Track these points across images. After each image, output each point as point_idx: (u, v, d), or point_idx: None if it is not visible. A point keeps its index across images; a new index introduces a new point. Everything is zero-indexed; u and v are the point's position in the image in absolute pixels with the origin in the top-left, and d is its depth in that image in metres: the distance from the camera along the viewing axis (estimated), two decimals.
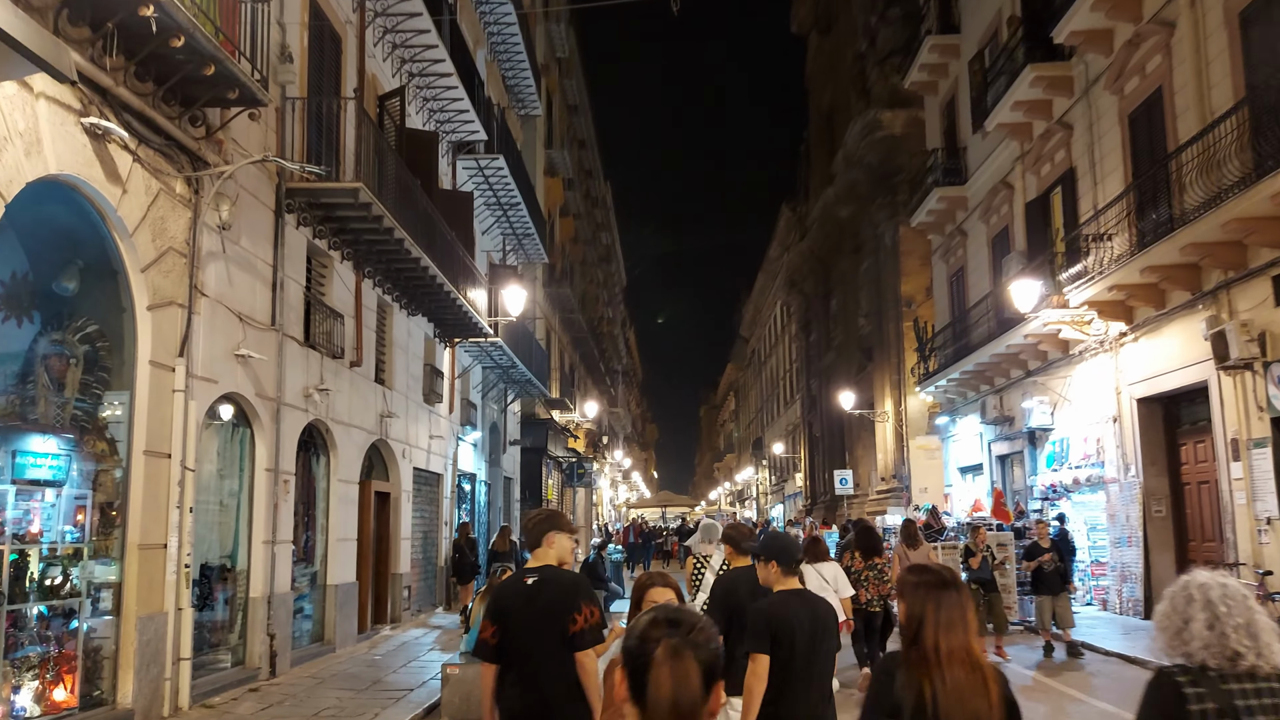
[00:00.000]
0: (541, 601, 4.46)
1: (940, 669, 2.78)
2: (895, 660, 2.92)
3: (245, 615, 10.66)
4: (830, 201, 39.35)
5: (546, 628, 4.41)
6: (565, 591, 4.50)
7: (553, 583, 4.53)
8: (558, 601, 4.44)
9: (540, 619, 4.43)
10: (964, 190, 24.28)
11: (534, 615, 4.44)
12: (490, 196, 22.23)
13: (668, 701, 1.86)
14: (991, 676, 2.83)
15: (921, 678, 2.79)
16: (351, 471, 13.82)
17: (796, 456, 53.57)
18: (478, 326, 18.80)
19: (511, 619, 4.48)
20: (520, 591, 4.53)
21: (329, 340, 12.84)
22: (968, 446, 25.09)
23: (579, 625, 4.38)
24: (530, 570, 4.62)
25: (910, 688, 2.80)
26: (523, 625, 4.44)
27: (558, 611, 4.41)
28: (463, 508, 20.74)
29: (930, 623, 2.85)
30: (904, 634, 2.93)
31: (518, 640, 4.44)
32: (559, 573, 4.63)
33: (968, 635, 2.88)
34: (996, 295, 21.09)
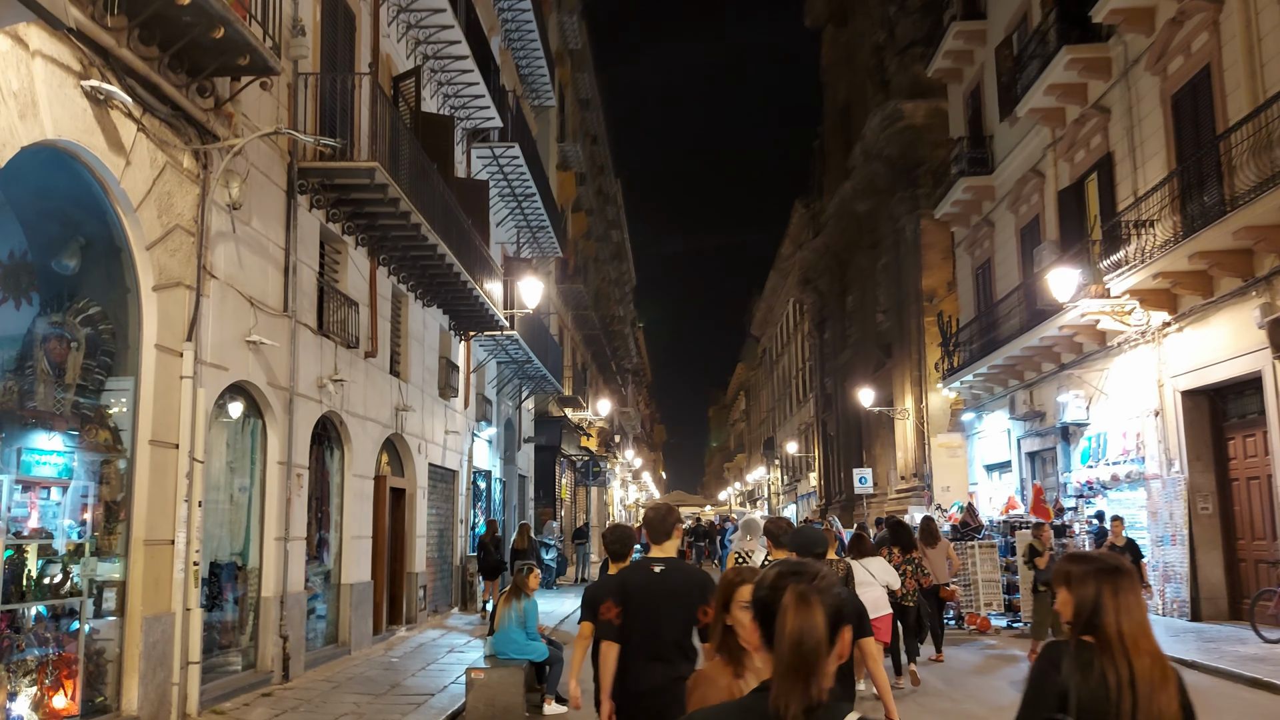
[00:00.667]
0: (669, 590, 4.74)
1: (1126, 657, 2.67)
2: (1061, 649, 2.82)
3: (257, 616, 10.12)
4: (847, 196, 38.76)
5: (673, 615, 4.70)
6: (695, 584, 4.82)
7: (681, 573, 4.89)
8: (686, 592, 4.74)
9: (668, 607, 4.71)
10: (991, 180, 23.64)
11: (661, 602, 4.71)
12: (504, 187, 21.68)
13: (794, 642, 1.99)
14: (1173, 670, 2.72)
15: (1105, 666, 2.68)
16: (366, 466, 13.28)
17: (810, 456, 52.97)
18: (494, 319, 18.26)
19: (638, 603, 4.73)
20: (648, 579, 4.80)
21: (343, 329, 12.30)
22: (995, 443, 24.46)
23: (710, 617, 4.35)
24: (656, 559, 4.89)
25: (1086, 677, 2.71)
26: (649, 610, 4.71)
27: (686, 601, 4.70)
28: (478, 506, 20.21)
29: (1109, 609, 2.73)
30: (1074, 623, 2.82)
31: (643, 624, 4.69)
32: (685, 565, 5.07)
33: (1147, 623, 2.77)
34: (1028, 287, 20.47)
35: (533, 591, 9.60)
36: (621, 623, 4.72)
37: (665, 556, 4.97)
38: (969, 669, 12.09)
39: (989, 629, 14.89)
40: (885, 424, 35.37)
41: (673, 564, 4.92)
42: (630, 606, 4.74)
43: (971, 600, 15.16)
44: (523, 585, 9.45)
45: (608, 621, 4.74)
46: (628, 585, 4.85)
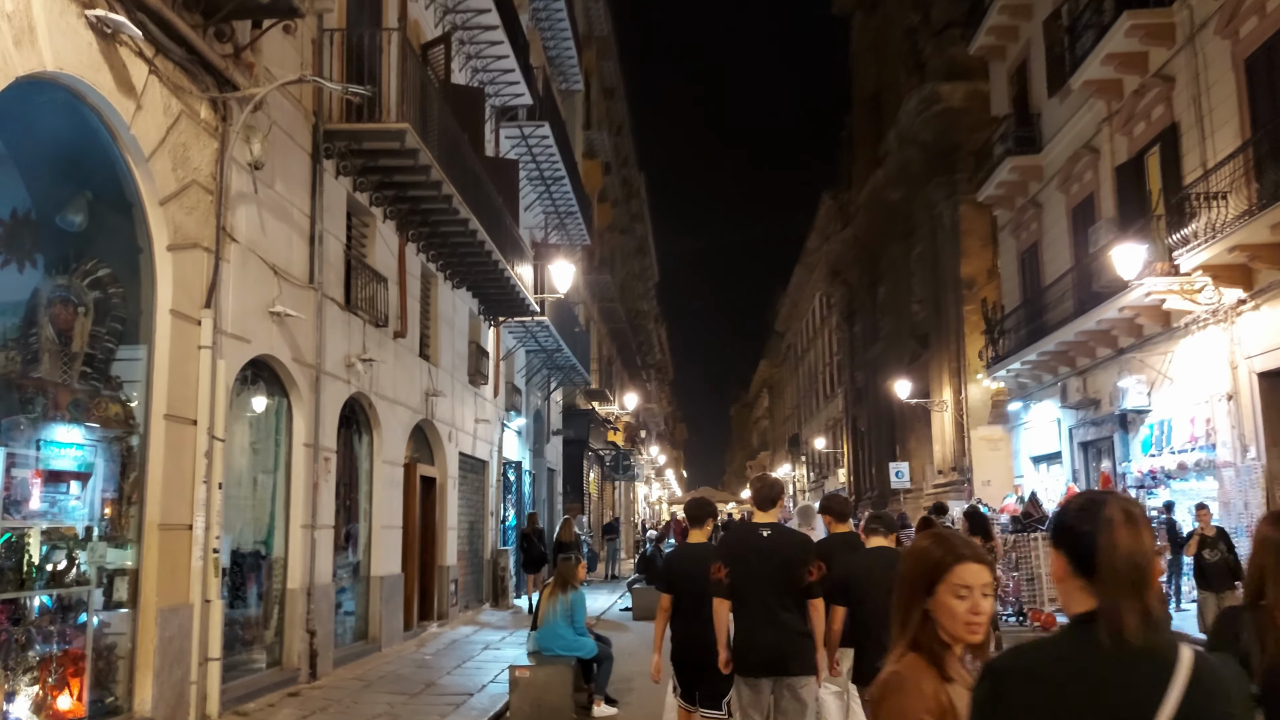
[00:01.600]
0: (776, 552, 5.32)
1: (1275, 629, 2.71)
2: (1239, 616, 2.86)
3: (282, 609, 9.40)
4: (879, 184, 37.85)
5: (779, 574, 5.25)
6: (799, 547, 5.45)
7: (786, 537, 5.50)
8: (792, 554, 5.33)
9: (775, 567, 5.27)
10: (1038, 159, 22.68)
11: (768, 563, 5.28)
12: (533, 169, 20.94)
13: (1127, 556, 1.94)
14: None
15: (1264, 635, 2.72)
16: (396, 452, 12.56)
17: (839, 452, 52.01)
18: (525, 303, 17.51)
19: (746, 564, 5.27)
20: (756, 541, 5.38)
21: (372, 307, 11.58)
22: (1043, 434, 23.49)
23: (813, 576, 5.28)
24: (763, 525, 5.47)
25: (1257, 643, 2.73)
26: (756, 570, 5.26)
27: (792, 562, 5.28)
28: (508, 498, 19.46)
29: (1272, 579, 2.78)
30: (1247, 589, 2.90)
31: (751, 583, 5.25)
32: (789, 530, 5.67)
33: None
34: (1081, 269, 19.54)
35: (580, 584, 8.83)
36: (730, 581, 5.28)
37: (770, 522, 5.53)
38: None
39: (1054, 625, 14.01)
40: (921, 417, 34.42)
41: (778, 528, 5.55)
42: (738, 566, 5.30)
43: (1035, 595, 14.28)
44: (570, 577, 8.69)
45: (718, 581, 5.31)
46: (735, 548, 5.47)
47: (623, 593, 20.50)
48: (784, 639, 5.24)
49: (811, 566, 5.33)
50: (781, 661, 5.25)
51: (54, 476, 6.56)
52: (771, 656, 5.27)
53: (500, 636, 13.55)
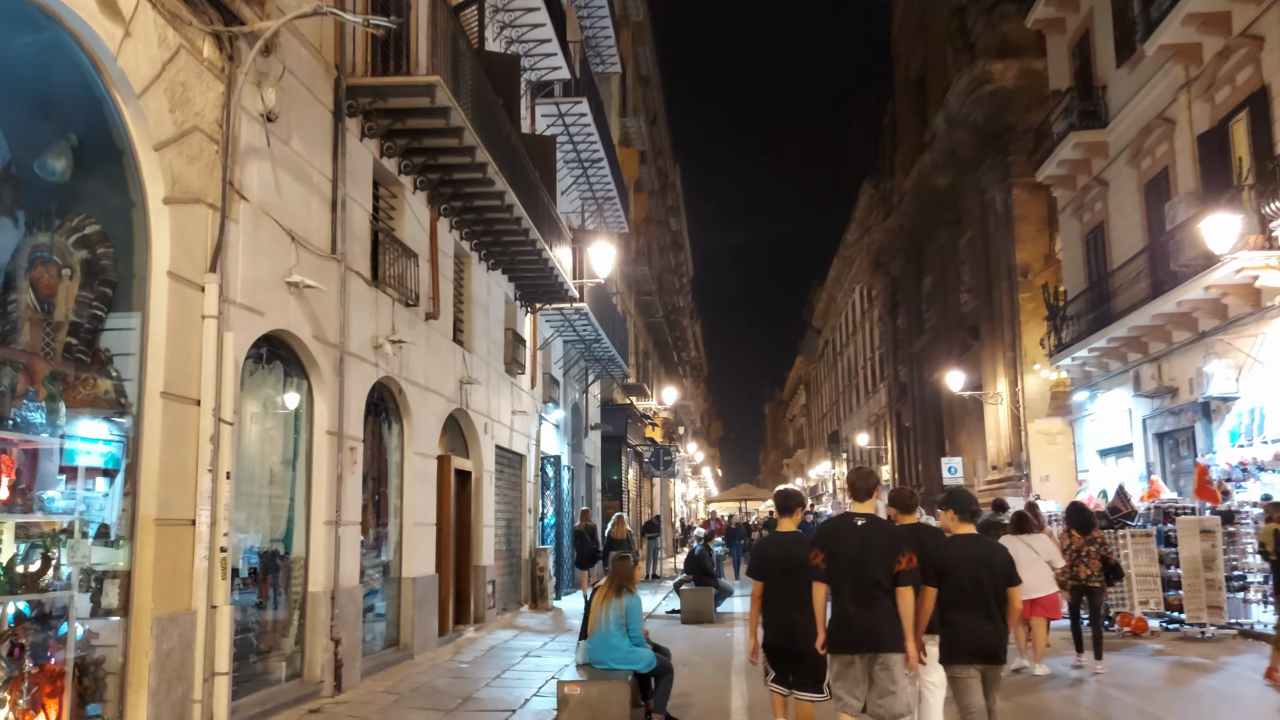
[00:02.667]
0: (870, 541, 5.62)
1: None
2: None
3: (303, 615, 8.44)
4: (926, 170, 36.50)
5: (873, 562, 5.59)
6: (892, 537, 5.74)
7: (879, 526, 5.78)
8: (885, 543, 5.63)
9: (869, 555, 5.60)
10: (1104, 134, 21.34)
11: (863, 551, 5.61)
12: (570, 150, 19.94)
13: None
14: None
15: None
16: (429, 443, 11.59)
17: (882, 448, 50.66)
18: (563, 288, 16.52)
19: (842, 552, 5.64)
20: (851, 530, 5.69)
21: (401, 284, 10.62)
22: (1111, 425, 22.13)
23: (903, 565, 5.57)
24: (858, 515, 5.74)
25: None
26: (852, 558, 5.62)
27: (885, 551, 5.59)
28: (547, 494, 18.48)
29: None
30: None
31: (847, 569, 5.62)
32: (882, 521, 5.95)
33: None
34: (1156, 247, 18.25)
35: (636, 587, 7.80)
36: (826, 567, 5.68)
37: (865, 512, 5.82)
38: (1156, 680, 10.04)
39: (1145, 630, 12.78)
40: (973, 411, 33.08)
41: (872, 519, 5.80)
42: (835, 553, 5.67)
43: (1124, 598, 13.05)
44: (626, 579, 7.65)
45: (816, 566, 5.72)
46: (832, 536, 5.79)
47: (667, 594, 19.46)
48: (876, 619, 5.59)
49: (902, 556, 5.63)
50: (874, 639, 5.60)
51: (31, 463, 5.62)
52: (864, 634, 5.61)
53: (541, 642, 12.55)
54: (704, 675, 10.30)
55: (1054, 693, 9.25)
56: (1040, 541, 10.15)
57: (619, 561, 7.88)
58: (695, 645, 12.97)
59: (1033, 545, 9.97)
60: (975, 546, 5.94)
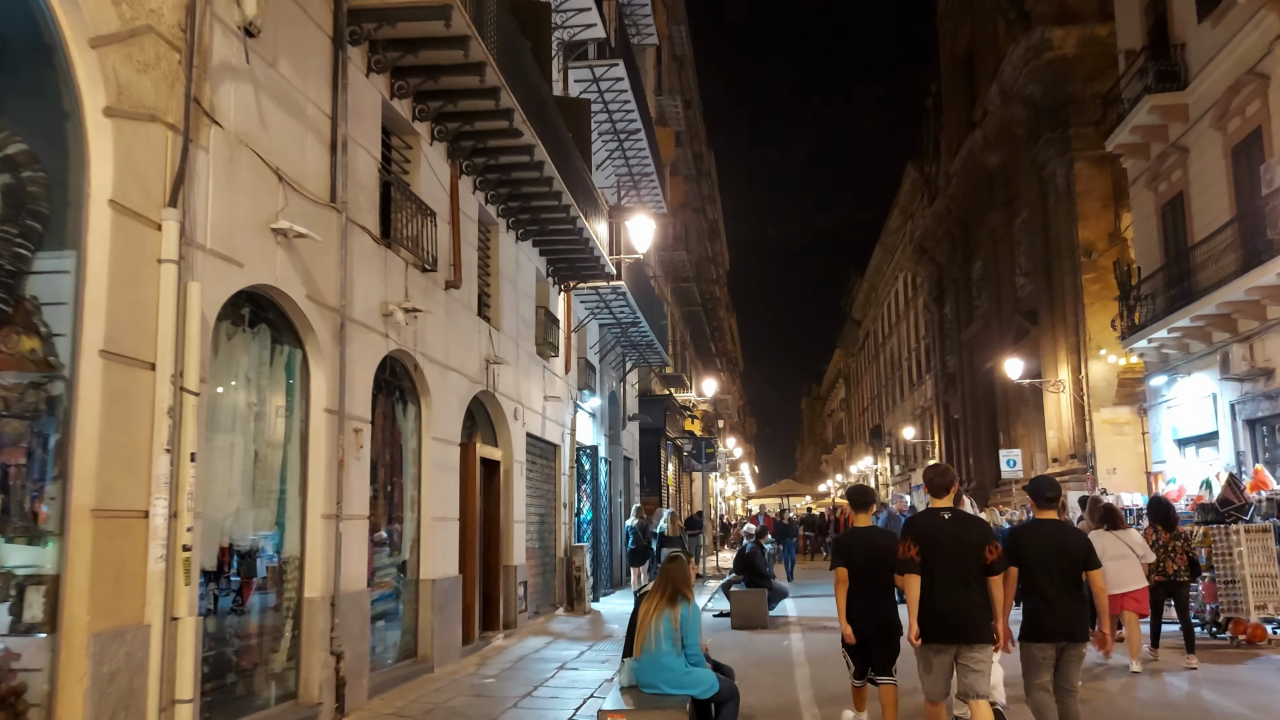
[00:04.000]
0: (959, 533, 6.02)
1: None
2: None
3: (297, 625, 7.17)
4: (976, 148, 34.83)
5: (964, 552, 5.94)
6: (979, 529, 6.18)
7: (966, 519, 6.26)
8: (973, 534, 6.04)
9: (959, 546, 5.96)
10: (1183, 97, 19.62)
11: (954, 542, 5.96)
12: (604, 120, 18.59)
13: None
14: None
15: None
16: (450, 428, 10.31)
17: (929, 442, 48.91)
18: (600, 265, 15.20)
19: (934, 543, 5.97)
20: (940, 524, 6.04)
21: (416, 246, 9.33)
22: (1192, 412, 20.41)
23: (994, 555, 5.94)
24: (944, 509, 6.11)
25: None
26: (944, 548, 5.95)
27: (973, 542, 5.98)
28: (583, 488, 17.17)
29: None
30: None
31: (940, 560, 5.93)
32: (967, 514, 6.51)
33: None
34: (1247, 215, 16.60)
35: (693, 594, 6.44)
36: (921, 559, 5.94)
37: (947, 506, 6.17)
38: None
39: (1264, 638, 11.20)
40: (1030, 400, 31.40)
41: (956, 512, 6.21)
42: (926, 546, 5.97)
43: (1238, 601, 11.49)
44: (681, 583, 6.30)
45: (909, 559, 5.97)
46: (923, 529, 6.07)
47: (713, 594, 18.08)
48: (966, 609, 5.85)
49: (989, 546, 5.94)
50: (965, 630, 5.85)
51: None
52: (957, 626, 5.85)
53: (578, 651, 11.24)
54: (764, 691, 8.94)
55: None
56: (1131, 536, 10.10)
57: (671, 563, 6.53)
58: (750, 654, 11.59)
59: (1123, 539, 9.98)
60: (1052, 530, 6.29)
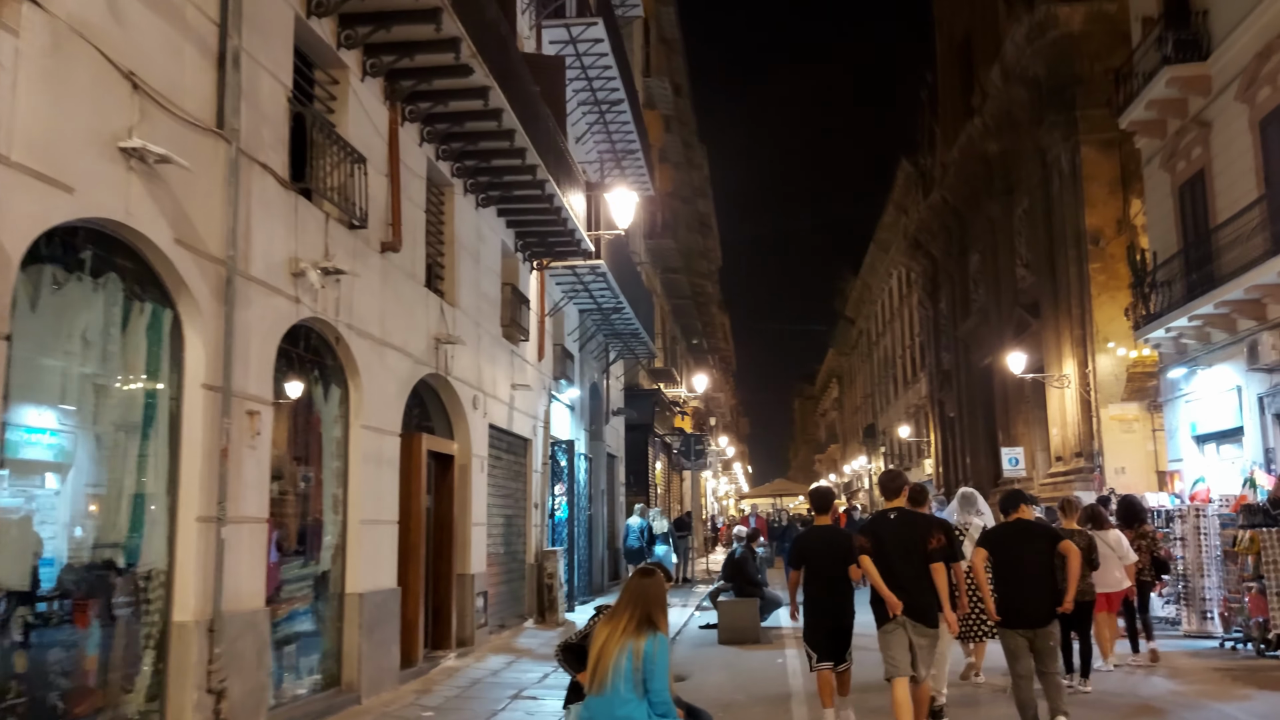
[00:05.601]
0: (906, 528, 6.77)
1: None
2: None
3: (162, 656, 5.68)
4: (975, 135, 33.49)
5: (911, 546, 6.66)
6: (922, 522, 6.91)
7: (911, 515, 6.97)
8: (918, 529, 6.77)
9: (907, 540, 6.69)
10: (1205, 67, 18.24)
11: (901, 537, 6.72)
12: (583, 87, 17.13)
13: None
14: None
15: None
16: (387, 416, 8.82)
17: (924, 440, 47.62)
18: (576, 241, 13.73)
19: (885, 539, 6.75)
20: (887, 523, 6.88)
21: (342, 197, 7.85)
22: (1213, 406, 19.00)
23: (934, 545, 6.64)
24: (892, 510, 6.94)
25: None
26: (893, 543, 6.71)
27: (917, 536, 6.69)
28: (557, 486, 15.68)
29: None
30: None
31: (891, 553, 6.68)
32: (912, 511, 7.08)
33: None
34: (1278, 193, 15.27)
35: (666, 614, 4.94)
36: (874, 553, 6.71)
37: (896, 507, 6.95)
38: None
39: None
40: (1031, 397, 30.04)
41: (903, 511, 6.94)
42: (877, 541, 6.76)
43: None
44: (653, 606, 4.82)
45: (862, 545, 6.79)
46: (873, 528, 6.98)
47: (701, 601, 16.63)
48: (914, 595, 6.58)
49: (933, 537, 6.69)
50: (913, 610, 6.58)
51: None
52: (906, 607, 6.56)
53: (542, 673, 9.76)
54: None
55: None
56: (1112, 536, 9.96)
57: (645, 578, 5.02)
58: (738, 675, 10.14)
59: (1106, 541, 9.78)
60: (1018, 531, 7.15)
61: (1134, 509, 11.33)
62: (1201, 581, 12.37)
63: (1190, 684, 9.07)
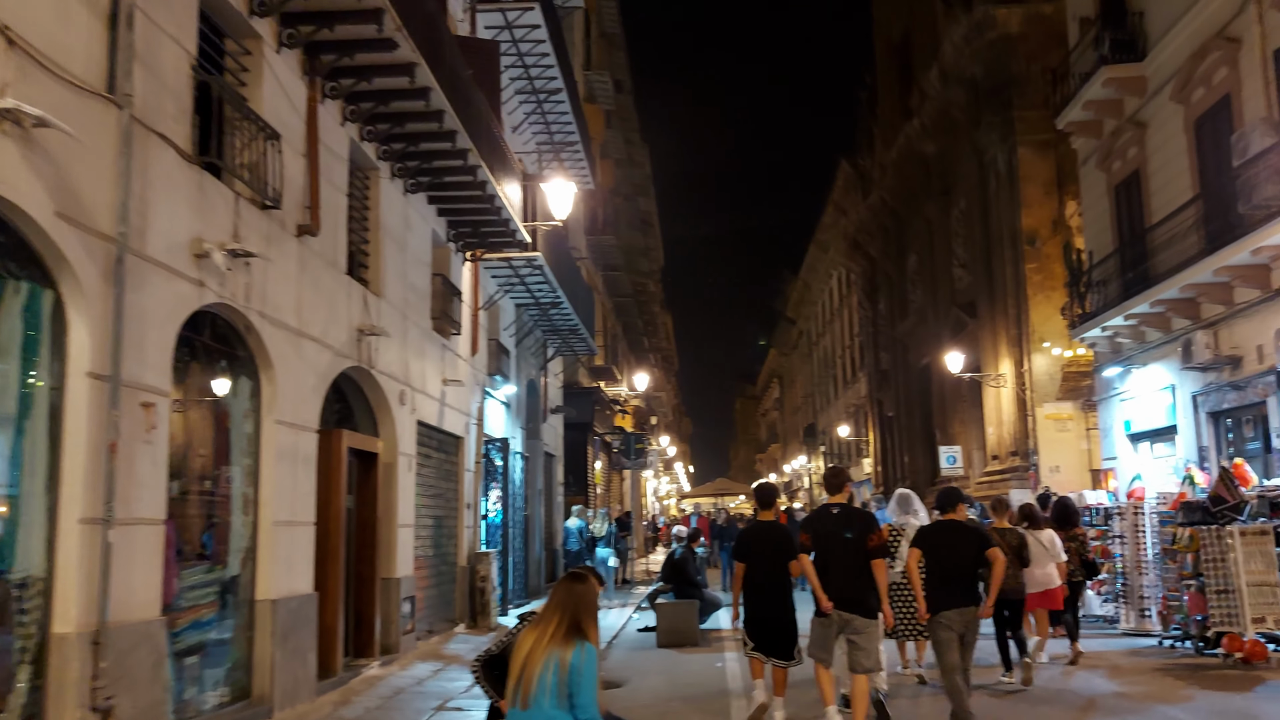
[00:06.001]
0: (847, 524, 7.04)
1: None
2: None
3: (40, 672, 5.14)
4: (914, 136, 33.69)
5: (851, 541, 6.93)
6: (863, 520, 7.22)
7: (853, 512, 7.29)
8: (859, 525, 7.05)
9: (846, 536, 6.95)
10: (1141, 69, 18.39)
11: (842, 533, 6.98)
12: (520, 74, 16.66)
13: None
14: None
15: None
16: (304, 410, 8.30)
17: (863, 440, 47.92)
18: (511, 231, 13.28)
19: (825, 534, 7.03)
20: (830, 517, 7.13)
21: (254, 176, 7.33)
22: (1147, 405, 19.17)
23: (875, 542, 6.95)
24: (834, 505, 7.22)
25: None
26: (834, 538, 6.99)
27: (859, 532, 6.97)
28: (491, 486, 15.18)
29: None
30: None
31: (831, 548, 6.97)
32: (854, 508, 7.48)
33: None
34: (1214, 192, 15.40)
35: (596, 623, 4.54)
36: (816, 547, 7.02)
37: (838, 502, 7.26)
38: None
39: (1264, 657, 9.74)
40: (967, 396, 30.28)
41: (845, 507, 7.23)
42: (819, 535, 7.05)
43: (1233, 613, 10.01)
44: (584, 612, 4.42)
45: (803, 543, 7.10)
46: (816, 522, 7.23)
47: (640, 603, 16.27)
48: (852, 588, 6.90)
49: (871, 535, 6.98)
50: (850, 604, 6.89)
51: None
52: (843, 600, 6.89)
53: (469, 682, 9.29)
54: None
55: None
56: (1045, 536, 10.26)
57: (576, 583, 4.61)
58: (676, 681, 9.80)
59: (1040, 539, 10.08)
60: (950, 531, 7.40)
61: (1068, 511, 11.55)
62: (1140, 579, 12.34)
63: (1133, 684, 8.95)
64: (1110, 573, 12.88)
